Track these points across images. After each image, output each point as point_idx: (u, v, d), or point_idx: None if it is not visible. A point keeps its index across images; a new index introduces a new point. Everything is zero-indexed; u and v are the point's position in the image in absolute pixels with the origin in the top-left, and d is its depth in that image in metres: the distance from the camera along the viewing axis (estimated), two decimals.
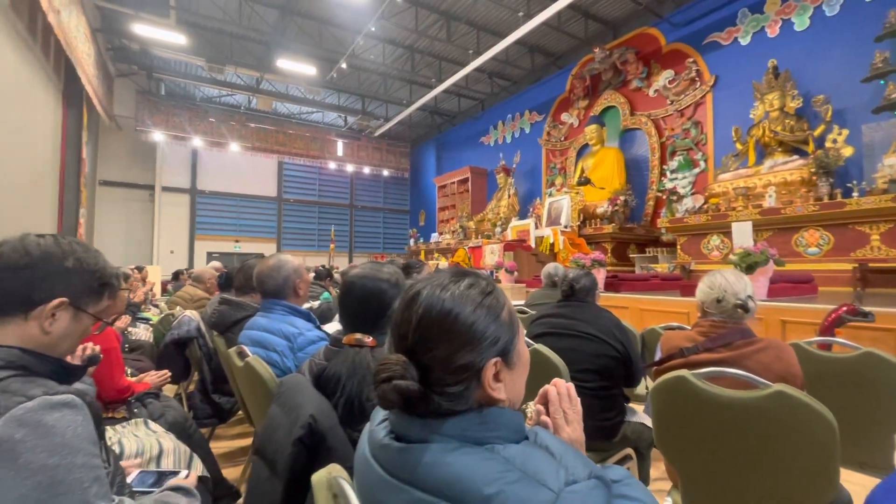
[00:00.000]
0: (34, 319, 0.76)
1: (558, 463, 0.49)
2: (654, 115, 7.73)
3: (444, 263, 8.28)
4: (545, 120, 10.00)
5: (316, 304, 3.06)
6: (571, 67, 9.26)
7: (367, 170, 14.07)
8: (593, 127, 8.34)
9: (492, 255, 7.11)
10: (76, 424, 0.67)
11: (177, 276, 7.64)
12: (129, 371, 2.16)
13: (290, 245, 13.23)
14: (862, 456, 1.49)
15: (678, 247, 6.31)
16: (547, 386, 0.69)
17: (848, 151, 5.17)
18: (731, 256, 3.55)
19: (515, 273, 6.15)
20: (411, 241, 12.54)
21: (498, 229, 9.27)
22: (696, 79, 7.11)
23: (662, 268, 6.46)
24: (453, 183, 12.17)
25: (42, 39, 6.39)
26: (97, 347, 1.39)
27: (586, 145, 8.79)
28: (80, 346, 1.39)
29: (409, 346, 0.55)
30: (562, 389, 0.69)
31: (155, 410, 1.83)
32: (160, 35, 7.86)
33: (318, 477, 0.58)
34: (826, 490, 0.96)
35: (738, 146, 6.20)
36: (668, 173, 7.37)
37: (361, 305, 1.02)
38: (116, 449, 1.39)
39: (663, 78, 7.56)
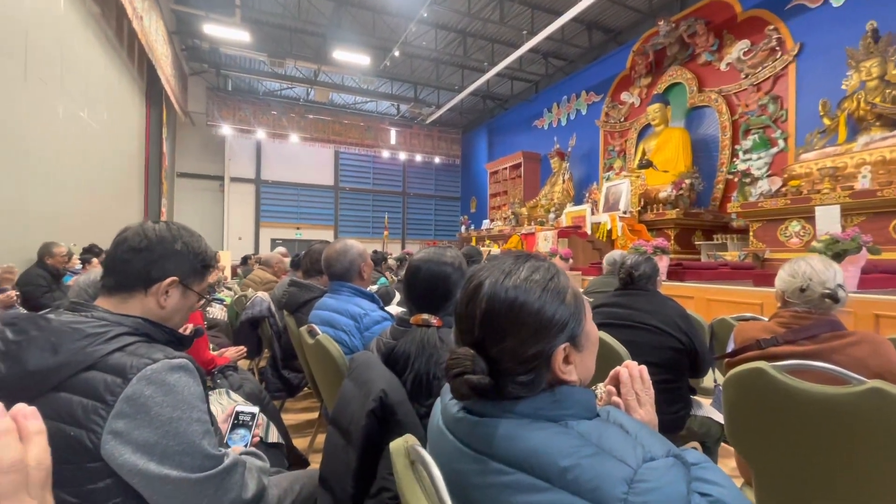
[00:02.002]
0: (152, 295, 0.86)
1: (634, 440, 0.49)
2: (725, 91, 7.13)
3: (496, 250, 8.24)
4: (603, 100, 9.54)
5: (374, 287, 3.17)
6: (633, 43, 8.73)
7: (418, 157, 14.22)
8: (656, 106, 7.85)
9: (545, 241, 6.97)
10: (191, 385, 0.77)
11: (245, 260, 8.22)
12: (211, 347, 2.38)
13: (346, 232, 13.74)
14: None
15: (751, 233, 5.84)
16: (618, 367, 0.69)
17: None
18: (815, 244, 3.24)
19: (570, 260, 6.00)
20: (462, 228, 12.57)
21: (552, 215, 9.05)
22: (777, 48, 6.45)
23: (732, 256, 6.02)
24: (505, 168, 11.99)
25: (127, 44, 7.00)
26: (193, 326, 1.54)
27: (648, 126, 8.30)
28: None
29: (475, 340, 0.56)
30: (634, 371, 0.68)
31: (234, 382, 2.00)
32: (227, 33, 8.33)
33: (396, 445, 0.62)
34: None
35: (826, 122, 5.58)
36: (740, 154, 6.80)
37: (427, 288, 1.06)
38: None
39: (737, 49, 6.93)
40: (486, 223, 11.71)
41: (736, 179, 6.62)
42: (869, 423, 0.90)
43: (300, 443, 2.32)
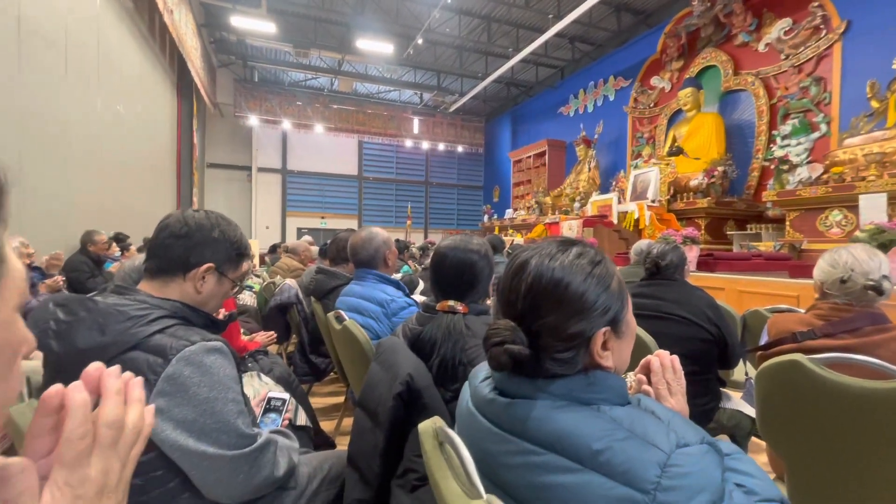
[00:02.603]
0: (190, 280, 0.90)
1: (667, 426, 0.48)
2: (763, 74, 6.79)
3: (519, 240, 8.17)
4: (632, 85, 9.24)
5: (398, 276, 3.21)
6: (664, 25, 8.39)
7: (441, 146, 14.17)
8: (688, 90, 7.55)
9: (570, 231, 6.87)
10: (225, 366, 0.80)
11: (273, 249, 8.44)
12: (241, 331, 2.46)
13: (369, 221, 13.88)
14: None
15: (787, 223, 5.60)
16: (649, 356, 0.68)
17: None
18: (859, 233, 3.09)
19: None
20: (485, 218, 12.51)
21: (576, 204, 8.89)
22: (822, 27, 6.08)
23: (767, 246, 5.79)
24: (529, 157, 11.81)
25: (159, 37, 7.20)
26: (227, 311, 1.60)
27: (679, 111, 8.01)
28: None
29: (518, 314, 0.56)
30: (665, 361, 0.67)
31: (265, 365, 2.07)
32: (253, 25, 8.45)
33: (425, 426, 0.63)
34: None
35: (874, 104, 5.25)
36: (778, 139, 6.48)
37: (453, 275, 1.06)
38: None
39: (777, 29, 6.57)
40: (508, 212, 11.61)
41: (772, 166, 6.33)
42: None
43: (327, 425, 2.39)
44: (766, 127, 6.76)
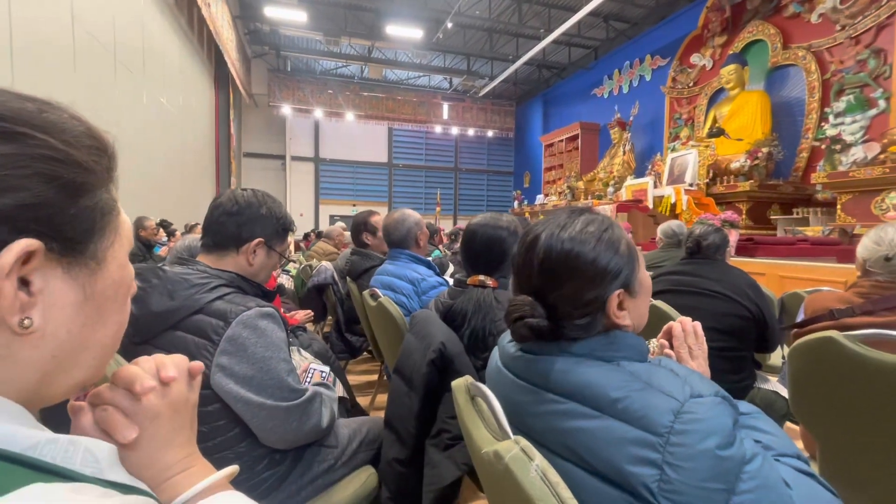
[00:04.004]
0: (242, 254, 0.99)
1: (683, 381, 0.51)
2: (815, 47, 6.36)
3: None
4: (670, 64, 8.84)
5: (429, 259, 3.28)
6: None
7: (471, 132, 14.07)
8: (732, 67, 7.16)
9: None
10: (276, 330, 0.89)
11: (307, 236, 8.72)
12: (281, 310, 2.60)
13: (399, 208, 14.01)
14: None
15: (838, 206, 5.29)
16: (671, 322, 0.70)
17: None
18: None
19: (630, 235, 5.77)
20: (515, 204, 12.40)
21: (610, 189, 8.68)
22: None
23: (815, 231, 5.50)
24: (561, 141, 11.57)
25: (198, 30, 7.46)
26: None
27: (721, 90, 7.63)
28: None
29: (534, 288, 0.60)
30: (687, 327, 0.69)
31: (304, 341, 2.18)
32: (286, 14, 8.60)
33: (457, 383, 0.68)
34: None
35: None
36: (830, 117, 6.08)
37: (483, 250, 1.11)
38: None
39: None
40: (539, 198, 11.45)
41: (824, 146, 5.96)
42: None
43: (362, 401, 2.50)
44: (817, 104, 6.36)
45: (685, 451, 0.46)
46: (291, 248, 9.52)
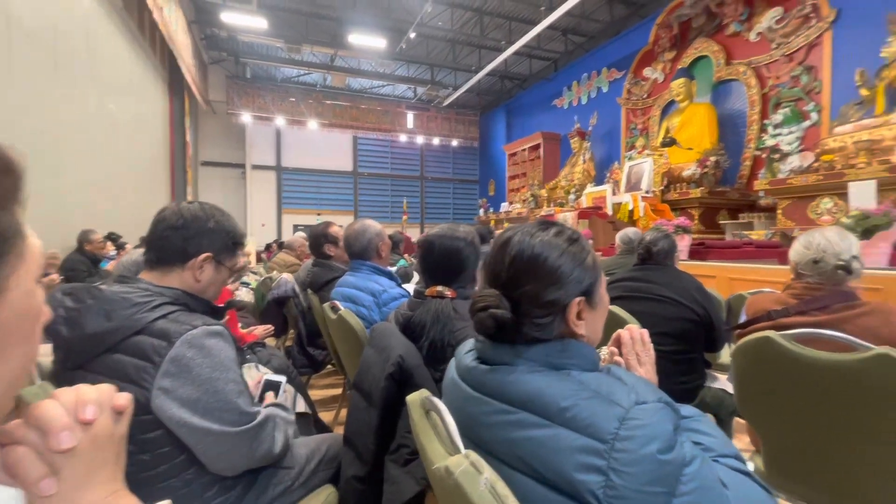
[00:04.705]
0: (188, 269, 0.94)
1: (629, 388, 0.53)
2: (755, 63, 6.83)
3: None
4: (625, 77, 9.26)
5: (393, 269, 3.25)
6: (656, 16, 8.40)
7: (436, 141, 14.16)
8: (681, 81, 7.58)
9: (565, 223, 6.91)
10: (226, 349, 0.85)
11: (269, 247, 8.48)
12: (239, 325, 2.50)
13: (365, 217, 13.85)
14: None
15: (779, 211, 5.66)
16: (620, 330, 0.73)
17: None
18: (844, 219, 3.15)
19: (590, 241, 5.94)
20: (481, 212, 12.54)
21: (571, 197, 8.93)
22: (812, 15, 6.12)
23: (759, 235, 5.86)
24: (524, 150, 11.83)
25: (150, 35, 7.16)
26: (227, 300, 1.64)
27: (672, 102, 8.05)
28: None
29: (501, 283, 0.62)
30: (635, 334, 0.72)
31: (263, 357, 2.11)
32: (244, 21, 8.40)
33: (412, 398, 0.68)
34: None
35: (863, 92, 5.30)
36: (769, 129, 6.53)
37: (440, 261, 1.11)
38: None
39: (769, 18, 6.61)
40: (504, 206, 11.64)
41: (764, 156, 6.38)
42: (875, 388, 0.92)
43: (326, 416, 2.43)
44: (757, 116, 6.81)
45: (629, 457, 0.47)
46: (253, 259, 9.25)
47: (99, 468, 0.38)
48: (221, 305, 1.02)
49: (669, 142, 7.52)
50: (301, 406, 1.74)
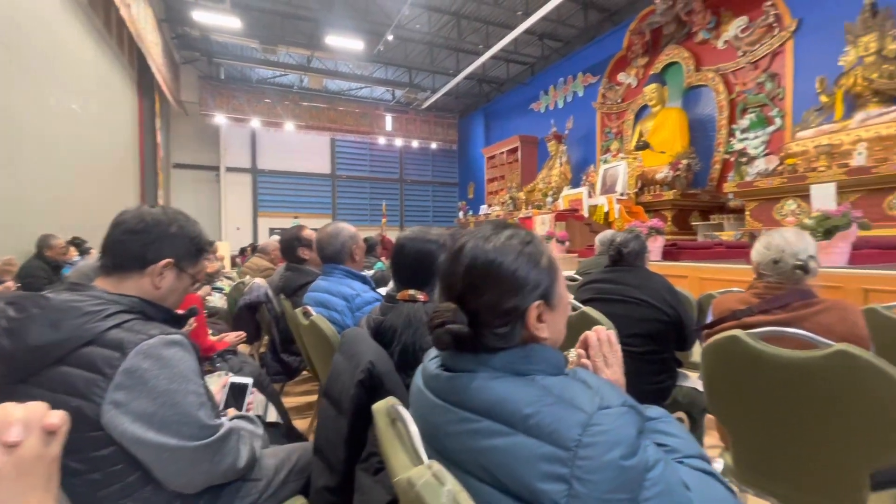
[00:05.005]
0: (147, 276, 0.90)
1: (594, 392, 0.53)
2: (722, 70, 7.07)
3: None
4: (600, 81, 9.45)
5: (371, 272, 3.21)
6: (629, 22, 8.61)
7: (415, 143, 14.14)
8: (653, 86, 7.79)
9: (542, 225, 7.00)
10: (186, 359, 0.81)
11: (243, 251, 8.29)
12: (210, 332, 2.43)
13: (343, 220, 13.56)
14: None
15: (747, 213, 5.86)
16: (587, 332, 0.73)
17: None
18: (806, 220, 3.27)
19: (567, 243, 6.04)
20: (460, 214, 12.57)
21: (549, 199, 9.05)
22: (775, 24, 6.37)
23: (728, 236, 6.05)
24: (502, 153, 11.93)
25: (117, 33, 6.91)
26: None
27: (645, 107, 8.25)
28: None
29: (457, 295, 0.60)
30: (602, 335, 0.72)
31: (234, 365, 2.05)
32: (217, 20, 8.22)
33: (378, 406, 0.66)
34: (887, 453, 0.92)
35: (823, 99, 5.55)
36: (737, 133, 6.78)
37: (413, 264, 1.09)
38: None
39: (734, 27, 6.85)
40: (483, 208, 11.70)
41: (732, 159, 6.61)
42: (834, 383, 0.95)
43: (301, 424, 2.38)
44: (726, 121, 7.05)
45: (591, 464, 0.46)
46: (227, 264, 9.01)
47: (26, 493, 0.36)
48: (182, 313, 0.98)
49: (643, 145, 7.70)
50: (273, 415, 1.70)
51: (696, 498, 0.51)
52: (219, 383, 1.40)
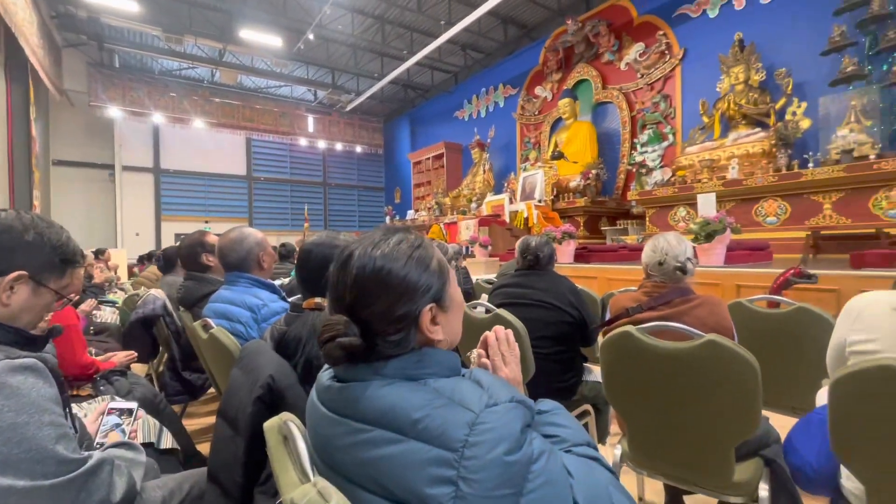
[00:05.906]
0: None
1: (484, 391, 0.53)
2: (625, 89, 7.80)
3: None
4: (519, 93, 9.95)
5: (286, 280, 3.05)
6: (545, 39, 9.19)
7: (339, 146, 13.77)
8: (566, 100, 8.37)
9: (467, 230, 7.16)
10: (39, 386, 0.70)
11: (142, 259, 7.45)
12: (94, 352, 2.13)
13: (262, 224, 12.94)
14: (793, 401, 1.63)
15: (647, 219, 6.50)
16: (487, 332, 0.74)
17: (806, 123, 5.38)
18: (691, 225, 3.70)
19: (489, 247, 6.23)
20: (387, 219, 12.47)
21: (473, 205, 9.30)
22: (666, 52, 7.18)
23: (632, 239, 6.66)
24: (428, 159, 12.06)
25: None
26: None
27: (560, 119, 8.83)
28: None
29: (347, 306, 0.58)
30: (500, 334, 0.74)
31: (122, 387, 1.82)
32: (109, 1, 7.36)
33: (270, 423, 0.62)
34: (748, 427, 1.06)
35: (705, 119, 6.35)
36: (638, 147, 7.51)
37: (319, 271, 1.04)
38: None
39: (634, 51, 7.60)
40: (410, 213, 11.71)
41: (634, 170, 7.30)
42: (705, 370, 1.07)
43: (206, 448, 2.18)
44: (628, 135, 7.77)
45: (477, 463, 0.47)
46: (123, 273, 8.03)
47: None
48: (39, 335, 0.85)
49: (558, 155, 8.22)
50: (168, 441, 1.54)
51: (578, 484, 0.54)
52: (97, 410, 1.23)
